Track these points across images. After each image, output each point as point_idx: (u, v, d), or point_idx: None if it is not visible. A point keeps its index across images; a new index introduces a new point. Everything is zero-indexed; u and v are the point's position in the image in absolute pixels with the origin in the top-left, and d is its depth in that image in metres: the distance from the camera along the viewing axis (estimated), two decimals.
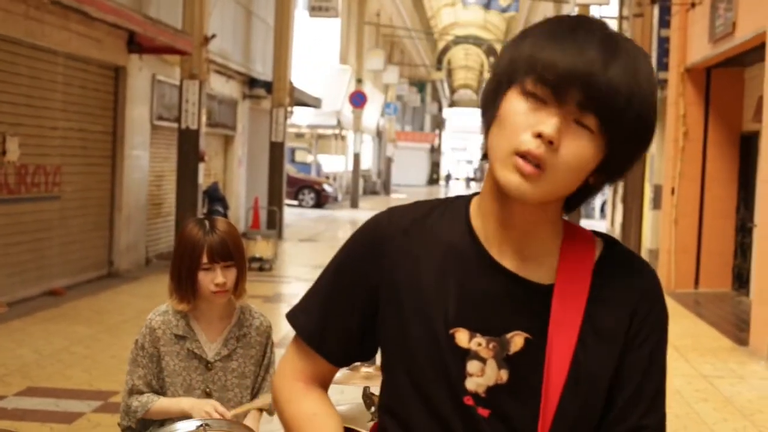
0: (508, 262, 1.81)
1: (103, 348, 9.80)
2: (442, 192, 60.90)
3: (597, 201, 37.42)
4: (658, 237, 18.07)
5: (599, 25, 1.72)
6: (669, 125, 17.10)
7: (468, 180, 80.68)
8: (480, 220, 1.84)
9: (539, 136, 1.64)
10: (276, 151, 23.59)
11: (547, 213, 1.80)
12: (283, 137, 23.59)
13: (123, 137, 15.50)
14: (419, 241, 1.86)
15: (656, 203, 19.05)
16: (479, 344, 1.78)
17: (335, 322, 1.93)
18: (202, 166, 16.77)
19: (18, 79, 12.39)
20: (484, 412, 1.78)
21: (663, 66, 18.12)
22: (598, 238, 1.89)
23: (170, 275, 3.74)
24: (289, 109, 24.03)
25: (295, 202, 36.03)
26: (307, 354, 1.97)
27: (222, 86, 21.03)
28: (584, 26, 1.70)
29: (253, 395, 3.80)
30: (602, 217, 34.56)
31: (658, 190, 18.84)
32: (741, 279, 15.83)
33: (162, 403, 3.65)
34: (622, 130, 1.67)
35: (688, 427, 7.93)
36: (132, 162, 15.86)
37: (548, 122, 1.64)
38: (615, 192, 26.33)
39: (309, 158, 41.96)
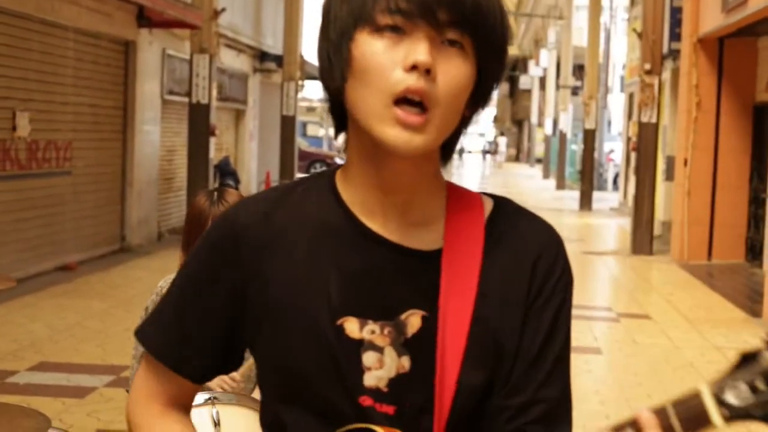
0: (390, 233, 1.57)
1: (116, 322, 9.81)
2: (455, 165, 60.84)
3: (610, 173, 37.37)
4: (671, 209, 18.01)
5: None
6: (682, 96, 17.03)
7: (484, 153, 80.00)
8: (350, 191, 1.59)
9: (414, 68, 1.42)
10: (287, 124, 23.58)
11: (427, 167, 1.58)
12: (294, 111, 23.57)
13: (134, 112, 15.49)
14: (282, 224, 1.60)
15: (669, 175, 18.99)
16: (372, 332, 1.54)
17: (193, 336, 1.64)
18: (213, 141, 16.76)
19: (28, 55, 12.37)
20: (389, 408, 1.54)
21: (676, 36, 18.04)
22: (486, 197, 1.66)
23: (181, 246, 3.74)
24: (300, 82, 24.00)
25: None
26: (163, 373, 1.68)
27: (232, 60, 20.99)
28: None
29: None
30: (615, 188, 34.50)
31: (670, 162, 18.78)
32: (754, 250, 15.78)
33: None
34: (489, 43, 1.49)
35: None
36: (143, 137, 15.85)
37: (418, 48, 1.43)
38: (627, 164, 26.27)
39: (321, 132, 41.95)
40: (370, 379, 1.54)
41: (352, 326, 1.54)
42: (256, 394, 3.67)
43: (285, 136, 23.57)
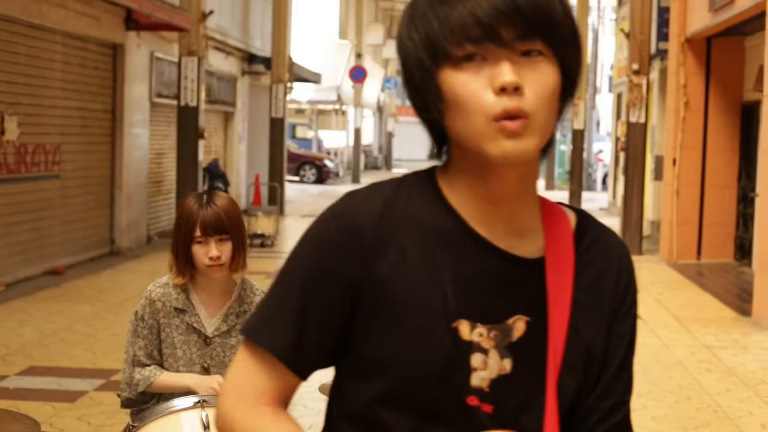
0: (498, 241, 1.65)
1: (105, 326, 9.80)
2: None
3: (599, 173, 37.43)
4: (660, 208, 18.05)
5: None
6: (670, 95, 17.06)
7: None
8: (458, 199, 1.65)
9: (503, 90, 1.51)
10: (276, 127, 23.56)
11: (530, 178, 1.67)
12: (283, 113, 23.55)
13: (122, 115, 15.47)
14: (396, 226, 1.64)
15: (658, 174, 19.03)
16: (481, 334, 1.62)
17: (311, 332, 1.66)
18: (202, 143, 16.75)
19: (16, 58, 12.35)
20: (488, 408, 1.63)
21: (663, 36, 18.07)
22: (567, 208, 1.77)
23: (171, 248, 3.74)
24: (288, 84, 23.98)
25: (297, 178, 36.02)
26: (274, 371, 1.67)
27: (221, 63, 20.97)
28: None
29: None
30: (604, 188, 34.55)
31: (659, 161, 18.81)
32: (743, 249, 15.82)
33: (165, 379, 3.63)
34: (561, 39, 1.57)
35: (691, 398, 7.92)
36: (132, 140, 15.83)
37: (501, 71, 1.51)
38: (616, 164, 26.30)
39: (310, 134, 41.94)
40: (475, 379, 1.62)
41: (464, 329, 1.62)
42: None
43: (274, 139, 23.55)
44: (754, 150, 14.65)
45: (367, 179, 40.20)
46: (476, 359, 1.62)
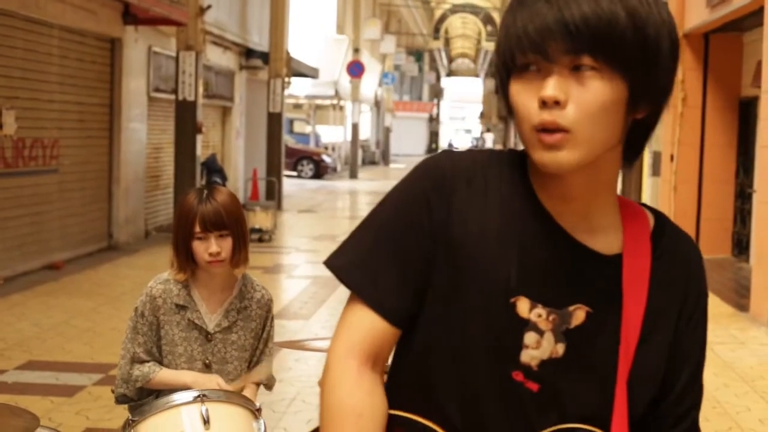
0: (575, 232, 1.71)
1: (103, 321, 9.80)
2: None
3: None
4: (658, 204, 18.05)
5: None
6: None
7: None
8: (539, 187, 1.73)
9: (544, 103, 1.57)
10: (274, 121, 23.55)
11: (600, 177, 1.70)
12: (280, 108, 23.55)
13: (120, 110, 15.46)
14: (482, 195, 1.71)
15: (655, 170, 19.02)
16: (539, 315, 1.68)
17: (399, 275, 1.70)
18: (199, 138, 16.74)
19: (13, 53, 12.33)
20: (533, 386, 1.68)
21: None
22: (646, 209, 1.82)
23: (172, 244, 3.73)
24: (286, 79, 23.97)
25: (294, 173, 36.00)
26: (366, 318, 1.70)
27: (218, 57, 20.95)
28: None
29: (250, 368, 3.78)
30: None
31: (657, 157, 18.81)
32: (741, 245, 15.82)
33: (164, 375, 3.63)
34: (623, 52, 1.57)
35: None
36: (129, 134, 15.82)
37: (545, 84, 1.57)
38: None
39: (307, 129, 41.90)
40: (525, 356, 1.68)
41: (523, 306, 1.68)
42: (247, 393, 3.67)
43: (272, 133, 23.54)
44: (752, 146, 14.66)
45: (364, 174, 40.22)
46: (530, 338, 1.68)
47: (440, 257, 1.70)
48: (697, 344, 1.79)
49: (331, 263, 1.75)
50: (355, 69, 38.40)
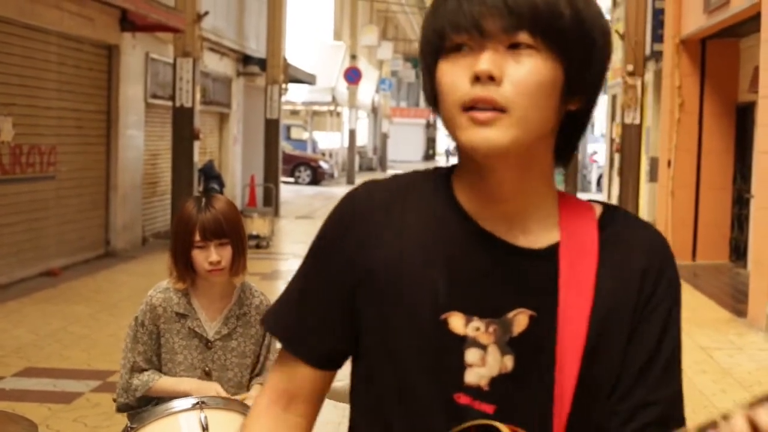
0: (502, 234, 1.59)
1: (101, 327, 9.79)
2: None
3: (593, 174, 37.45)
4: (655, 209, 18.05)
5: None
6: (665, 97, 17.07)
7: None
8: (465, 195, 1.62)
9: (477, 79, 1.47)
10: (271, 128, 23.55)
11: (531, 174, 1.59)
12: (278, 114, 23.54)
13: (117, 116, 15.45)
14: (401, 217, 1.62)
15: (653, 176, 19.03)
16: (477, 329, 1.55)
17: (313, 316, 1.67)
18: (197, 144, 16.74)
19: (11, 59, 12.33)
20: (487, 407, 1.54)
21: (658, 38, 18.10)
22: (595, 203, 1.68)
23: (170, 253, 3.72)
24: (283, 86, 23.98)
25: (292, 179, 36.01)
26: (286, 363, 1.71)
27: (216, 64, 20.96)
28: None
29: (254, 375, 3.78)
30: (599, 190, 34.56)
31: (654, 163, 18.82)
32: (738, 250, 15.83)
33: (164, 383, 3.62)
34: (562, 33, 1.50)
35: (686, 399, 7.87)
36: (127, 141, 15.81)
37: (479, 59, 1.48)
38: (611, 165, 26.32)
39: (304, 135, 41.92)
40: (471, 377, 1.56)
41: (456, 322, 1.56)
42: (250, 400, 3.66)
43: (269, 140, 23.53)
44: (749, 152, 14.67)
45: (361, 180, 40.07)
46: (472, 355, 1.55)
47: (364, 287, 1.62)
48: (654, 334, 1.59)
49: (261, 320, 1.81)
50: (352, 75, 38.41)
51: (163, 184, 17.83)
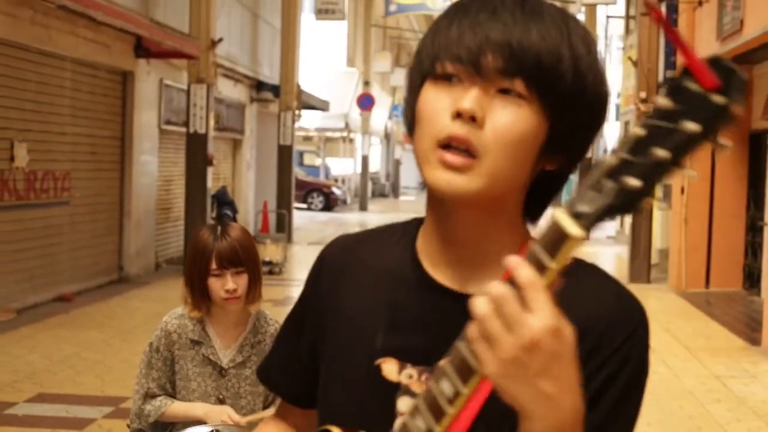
0: (451, 282, 1.51)
1: (114, 353, 9.79)
2: None
3: None
4: (668, 237, 18.02)
5: None
6: None
7: None
8: (423, 240, 1.56)
9: (459, 115, 1.38)
10: (284, 154, 23.61)
11: (495, 221, 1.49)
12: (291, 140, 23.60)
13: (131, 142, 15.51)
14: (357, 263, 1.62)
15: (666, 203, 19.00)
16: (410, 376, 1.48)
17: (287, 355, 1.74)
18: (210, 170, 16.76)
19: (26, 85, 12.40)
20: None
21: (671, 65, 18.09)
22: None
23: (184, 282, 3.72)
24: (296, 112, 24.05)
25: (304, 206, 36.03)
26: (279, 407, 1.83)
27: (230, 90, 21.03)
28: None
29: (267, 404, 3.77)
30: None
31: (667, 190, 18.80)
32: (752, 278, 15.77)
33: (176, 408, 3.62)
34: (558, 91, 1.41)
35: (701, 428, 7.89)
36: (140, 167, 15.86)
37: (466, 96, 1.39)
38: None
39: (317, 161, 42.01)
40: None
41: (390, 368, 1.50)
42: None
43: (282, 166, 23.59)
44: (763, 179, 14.64)
45: (374, 207, 40.22)
46: (404, 403, 1.48)
47: (321, 336, 1.63)
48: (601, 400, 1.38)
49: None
50: (366, 102, 38.48)
51: (176, 210, 17.86)
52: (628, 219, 21.42)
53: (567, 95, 1.42)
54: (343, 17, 30.87)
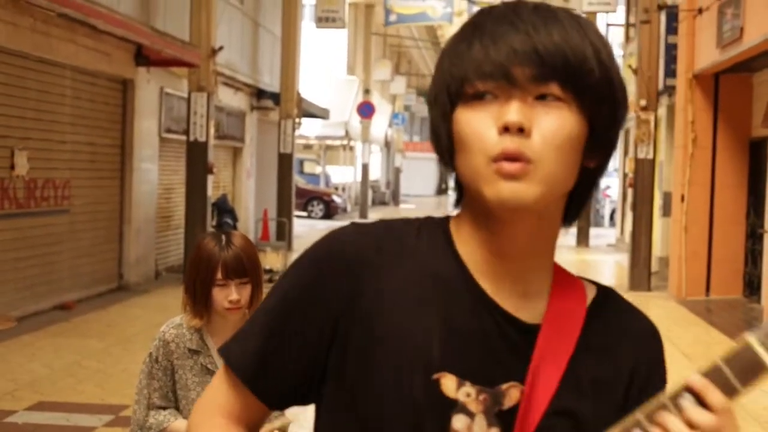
0: (502, 300, 1.52)
1: (114, 362, 9.78)
2: (452, 201, 60.89)
3: (606, 209, 37.40)
4: (669, 244, 18.02)
5: (523, 2, 1.50)
6: (678, 132, 17.07)
7: None
8: (467, 249, 1.54)
9: (506, 129, 1.41)
10: (284, 162, 23.62)
11: (542, 233, 1.54)
12: (291, 148, 23.61)
13: (132, 150, 15.51)
14: (396, 265, 1.53)
15: (666, 210, 19.01)
16: (468, 395, 1.46)
17: (279, 358, 1.55)
18: (210, 179, 16.77)
19: (26, 93, 12.40)
20: None
21: (671, 72, 18.12)
22: (588, 282, 1.63)
23: (185, 290, 3.69)
24: (297, 120, 24.06)
25: (305, 214, 36.03)
26: (237, 390, 1.59)
27: (230, 98, 21.04)
28: (509, 9, 1.49)
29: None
30: (611, 225, 34.51)
31: (667, 198, 18.81)
32: (752, 286, 15.78)
33: (179, 425, 3.58)
34: (591, 87, 1.45)
35: None
36: (141, 175, 15.87)
37: (508, 109, 1.42)
38: (624, 200, 26.30)
39: (318, 169, 42.01)
40: None
41: (449, 383, 1.47)
42: None
43: (282, 174, 23.59)
44: (763, 186, 14.65)
45: (374, 215, 40.20)
46: (459, 421, 1.46)
47: (344, 337, 1.52)
48: None
49: (219, 349, 1.63)
50: (366, 110, 38.50)
51: (176, 218, 17.87)
52: (628, 227, 21.42)
53: (599, 88, 1.47)
54: (343, 25, 30.88)
